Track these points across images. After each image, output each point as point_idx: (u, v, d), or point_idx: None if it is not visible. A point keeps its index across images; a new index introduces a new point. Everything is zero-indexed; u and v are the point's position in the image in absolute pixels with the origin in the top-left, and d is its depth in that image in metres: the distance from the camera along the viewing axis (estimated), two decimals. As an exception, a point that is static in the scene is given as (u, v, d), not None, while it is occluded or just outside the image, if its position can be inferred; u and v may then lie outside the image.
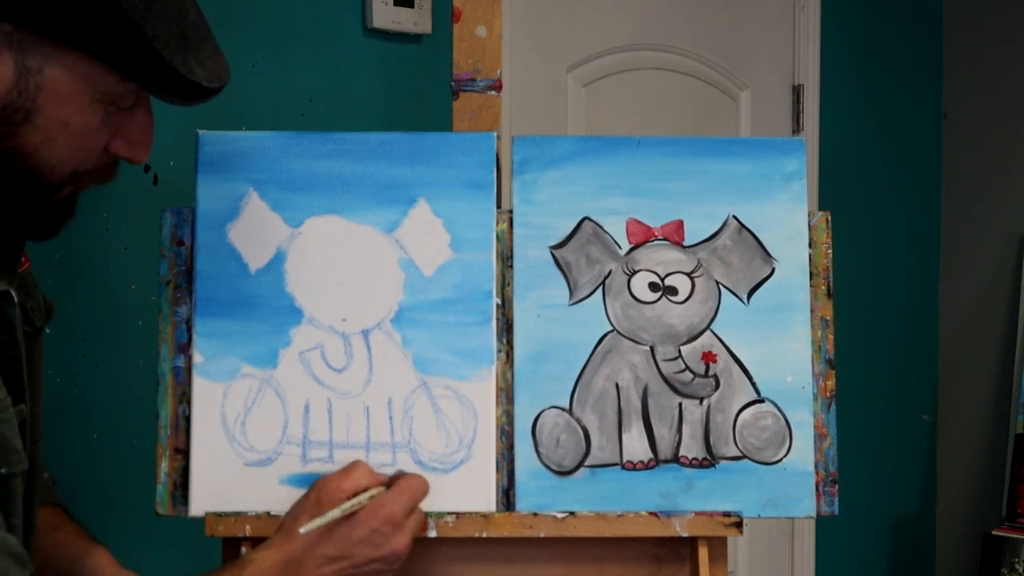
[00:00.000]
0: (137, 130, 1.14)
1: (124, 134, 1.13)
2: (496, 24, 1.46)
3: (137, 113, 1.14)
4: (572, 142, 1.42)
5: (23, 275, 1.22)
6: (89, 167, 1.13)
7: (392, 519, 1.24)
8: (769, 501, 1.36)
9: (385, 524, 1.24)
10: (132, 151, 1.15)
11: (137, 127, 1.14)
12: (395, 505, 1.25)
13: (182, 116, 2.01)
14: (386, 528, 1.24)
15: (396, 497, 1.26)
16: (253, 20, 2.13)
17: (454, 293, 1.37)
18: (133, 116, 1.13)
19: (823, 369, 1.39)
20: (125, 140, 1.14)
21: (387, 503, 1.25)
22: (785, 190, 1.41)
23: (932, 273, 3.49)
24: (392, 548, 1.24)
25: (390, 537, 1.24)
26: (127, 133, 1.13)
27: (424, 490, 1.30)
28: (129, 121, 1.13)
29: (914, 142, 3.45)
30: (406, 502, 1.26)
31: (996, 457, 3.31)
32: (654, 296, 1.39)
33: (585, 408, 1.37)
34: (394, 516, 1.25)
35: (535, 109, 2.61)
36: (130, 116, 1.13)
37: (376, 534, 1.23)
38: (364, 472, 1.28)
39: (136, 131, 1.14)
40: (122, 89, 1.10)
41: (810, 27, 3.12)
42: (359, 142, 1.39)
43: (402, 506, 1.26)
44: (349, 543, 1.23)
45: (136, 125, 1.14)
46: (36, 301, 1.25)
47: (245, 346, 1.35)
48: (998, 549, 3.07)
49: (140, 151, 1.15)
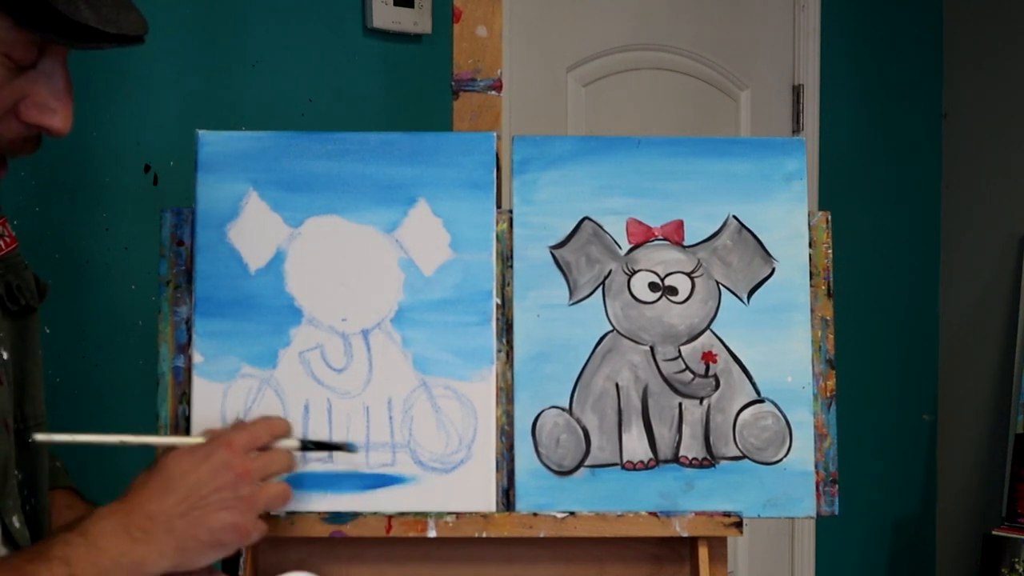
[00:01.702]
0: (48, 95, 1.10)
1: (33, 98, 1.09)
2: (496, 24, 1.46)
3: (48, 77, 1.10)
4: (572, 142, 1.42)
5: (10, 255, 1.21)
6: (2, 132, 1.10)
7: (229, 444, 1.17)
8: (769, 501, 1.36)
9: (222, 449, 1.17)
10: (43, 116, 1.10)
11: (48, 91, 1.10)
12: (234, 434, 1.20)
13: (182, 116, 2.03)
14: (223, 453, 1.17)
15: (237, 428, 1.22)
16: (253, 20, 2.13)
17: (454, 293, 1.37)
18: (43, 80, 1.10)
19: (823, 369, 1.39)
20: (35, 104, 1.10)
21: (225, 432, 1.20)
22: (785, 190, 1.41)
23: (932, 273, 3.49)
24: (234, 471, 1.16)
25: (230, 461, 1.16)
26: (36, 96, 1.10)
27: (278, 429, 1.24)
28: (37, 83, 1.09)
29: (914, 142, 3.45)
30: (246, 435, 1.20)
31: (996, 457, 3.31)
32: (654, 296, 1.39)
33: (585, 408, 1.37)
34: (231, 442, 1.18)
35: (535, 109, 2.61)
36: (40, 80, 1.09)
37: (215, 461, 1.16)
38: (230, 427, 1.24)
39: (46, 94, 1.10)
40: (16, 37, 1.05)
41: (810, 27, 3.12)
42: (359, 142, 1.39)
43: (242, 437, 1.19)
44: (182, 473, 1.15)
45: (45, 87, 1.10)
46: (25, 280, 1.23)
47: (245, 346, 1.35)
48: (998, 549, 3.07)
49: (55, 118, 1.10)
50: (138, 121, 1.97)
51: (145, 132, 1.98)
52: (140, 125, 1.97)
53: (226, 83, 2.10)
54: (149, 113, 1.98)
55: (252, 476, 1.18)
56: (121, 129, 1.94)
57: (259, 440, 1.21)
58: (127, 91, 1.94)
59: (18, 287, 1.22)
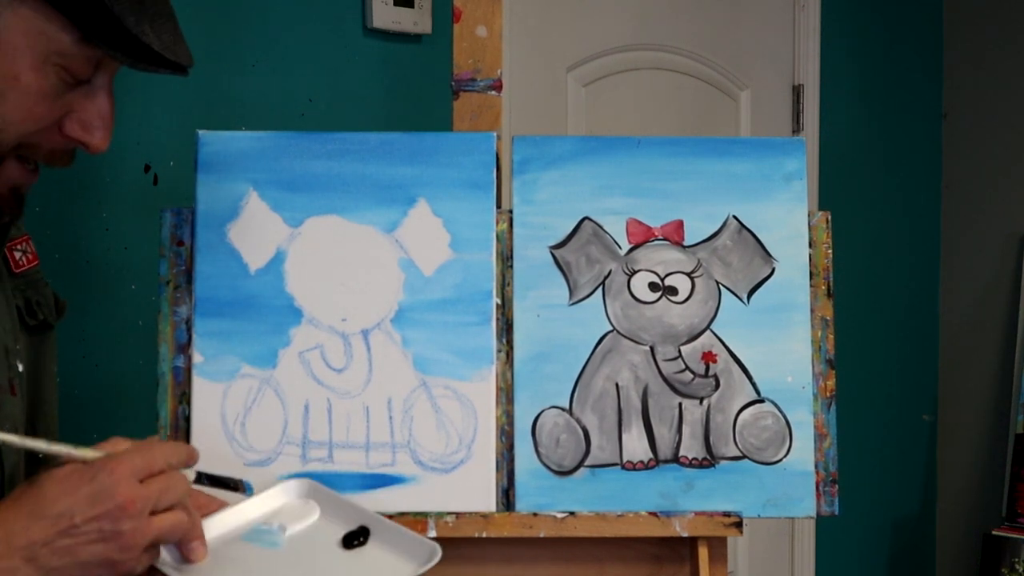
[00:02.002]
0: (94, 113, 1.12)
1: (80, 114, 1.11)
2: (496, 24, 1.46)
3: (95, 95, 1.12)
4: (572, 142, 1.42)
5: (30, 272, 1.22)
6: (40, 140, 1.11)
7: (114, 470, 1.02)
8: (769, 501, 1.36)
9: (105, 475, 1.02)
10: (86, 133, 1.12)
11: (94, 110, 1.12)
12: (124, 457, 1.04)
13: (182, 116, 2.03)
14: (106, 480, 1.02)
15: (128, 452, 1.05)
16: (253, 20, 2.13)
17: (454, 293, 1.37)
18: (91, 98, 1.11)
19: (823, 369, 1.39)
20: (80, 122, 1.11)
21: (115, 455, 1.04)
22: (785, 190, 1.41)
23: (932, 273, 3.49)
24: (115, 502, 1.01)
25: (111, 489, 1.01)
26: (83, 115, 1.11)
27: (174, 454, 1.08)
28: (86, 102, 1.11)
29: (914, 142, 3.45)
30: (139, 459, 1.04)
31: (996, 457, 3.31)
32: (654, 296, 1.39)
33: (585, 408, 1.37)
34: (117, 468, 1.03)
35: (535, 109, 2.61)
36: (88, 97, 1.11)
37: (96, 486, 1.01)
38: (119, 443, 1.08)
39: (93, 114, 1.12)
40: (77, 52, 1.07)
41: (810, 27, 3.12)
42: (359, 142, 1.39)
43: (133, 461, 1.04)
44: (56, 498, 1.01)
45: (93, 107, 1.12)
46: (45, 297, 1.25)
47: (245, 346, 1.35)
48: (998, 549, 3.07)
49: (95, 136, 1.12)
50: (138, 121, 1.97)
51: (145, 132, 1.98)
52: (140, 125, 1.97)
53: (226, 83, 2.10)
54: (149, 113, 1.98)
55: (137, 507, 1.02)
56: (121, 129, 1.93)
57: (153, 466, 1.05)
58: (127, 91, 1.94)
59: (37, 303, 1.23)
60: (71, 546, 1.01)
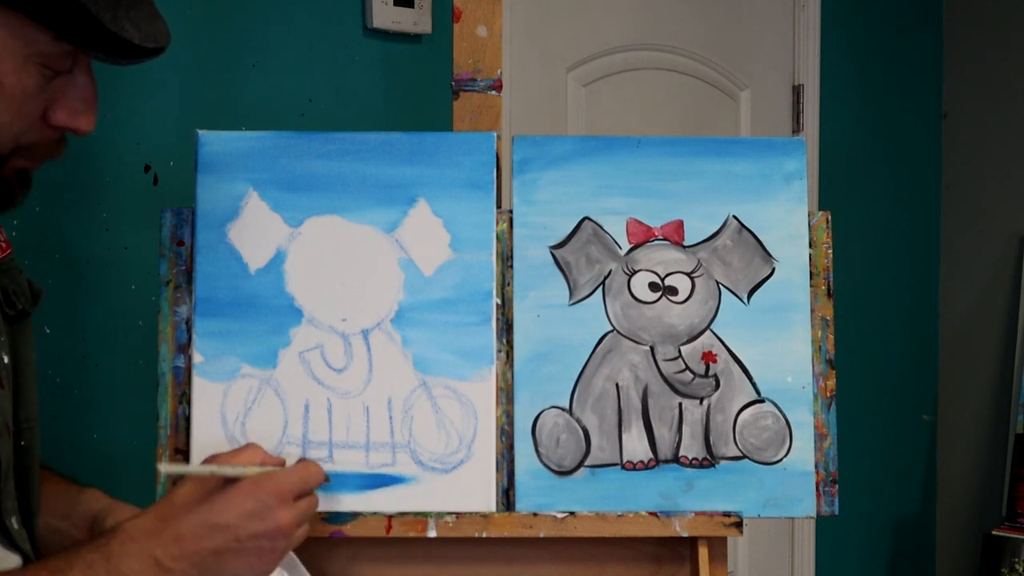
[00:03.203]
0: (77, 97, 1.12)
1: (64, 102, 1.11)
2: (496, 24, 1.46)
3: (76, 79, 1.12)
4: (572, 142, 1.42)
5: (5, 261, 1.21)
6: (32, 139, 1.11)
7: (280, 492, 1.17)
8: (769, 501, 1.36)
9: (271, 496, 1.16)
10: (73, 119, 1.12)
11: (76, 94, 1.12)
12: (285, 480, 1.19)
13: (182, 116, 2.02)
14: (272, 500, 1.16)
15: (288, 473, 1.21)
16: (253, 20, 2.13)
17: (454, 293, 1.37)
18: (72, 82, 1.12)
19: (823, 369, 1.39)
20: (65, 108, 1.12)
21: (277, 476, 1.19)
22: (785, 190, 1.41)
23: (932, 273, 3.49)
24: (277, 523, 1.16)
25: (275, 511, 1.16)
26: (67, 101, 1.12)
27: (319, 477, 1.24)
28: (68, 88, 1.11)
29: (914, 142, 3.45)
30: (297, 480, 1.20)
31: (996, 457, 3.31)
32: (654, 296, 1.39)
33: (585, 408, 1.37)
34: (282, 490, 1.18)
35: (535, 109, 2.61)
36: (69, 82, 1.11)
37: (261, 506, 1.15)
38: (257, 451, 1.23)
39: (76, 98, 1.12)
40: (56, 49, 1.07)
41: (810, 27, 3.12)
42: (359, 142, 1.39)
43: (292, 482, 1.19)
44: (231, 512, 1.15)
45: (75, 92, 1.12)
46: (19, 285, 1.24)
47: (245, 346, 1.35)
48: (998, 549, 3.06)
49: (82, 120, 1.13)
50: (138, 121, 1.97)
51: (145, 132, 1.98)
52: (140, 125, 1.97)
53: (226, 83, 2.10)
54: (149, 113, 1.98)
55: (292, 529, 1.18)
56: (121, 129, 1.94)
57: (305, 488, 1.21)
58: (127, 91, 1.94)
59: (14, 292, 1.22)
60: (232, 557, 1.15)
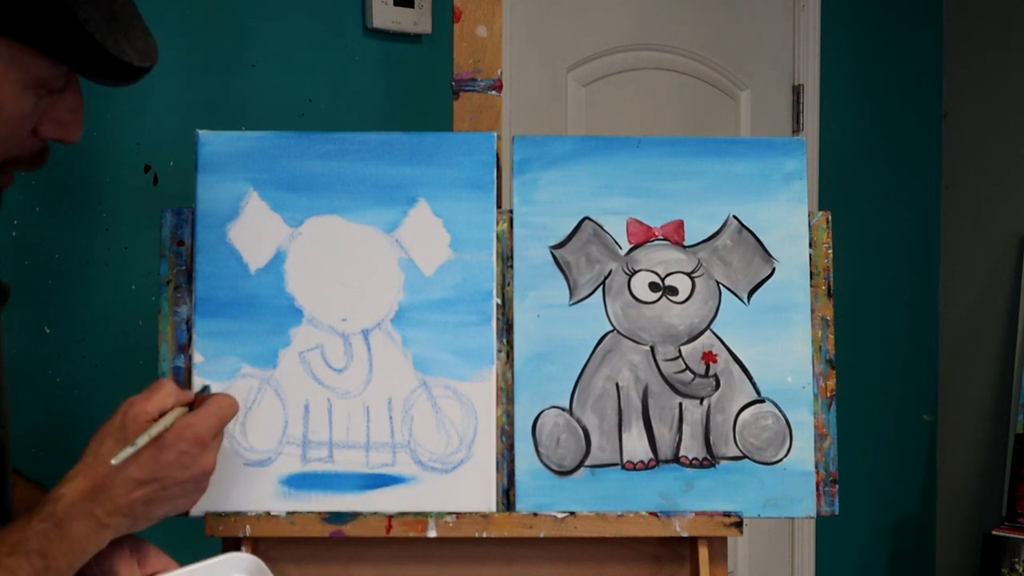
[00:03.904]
0: (66, 111, 1.13)
1: (53, 116, 1.13)
2: (496, 24, 1.46)
3: (66, 94, 1.13)
4: (572, 142, 1.42)
5: None
6: (19, 153, 1.13)
7: (199, 439, 1.22)
8: (769, 501, 1.36)
9: (193, 445, 1.22)
10: (63, 132, 1.14)
11: (66, 108, 1.13)
12: (202, 426, 1.23)
13: (182, 116, 2.02)
14: (194, 449, 1.22)
15: (203, 417, 1.24)
16: (253, 20, 2.13)
17: (454, 293, 1.37)
18: (62, 98, 1.13)
19: (823, 369, 1.39)
20: (55, 123, 1.13)
21: (194, 424, 1.23)
22: (785, 190, 1.41)
23: (932, 273, 3.49)
24: (201, 467, 1.23)
25: (198, 457, 1.22)
26: (56, 115, 1.13)
27: (232, 409, 1.29)
28: (58, 103, 1.13)
29: (914, 142, 3.45)
30: (214, 422, 1.25)
31: (996, 457, 3.31)
32: (654, 296, 1.39)
33: (585, 408, 1.37)
34: (201, 437, 1.23)
35: (535, 109, 2.61)
36: (59, 98, 1.13)
37: (184, 456, 1.21)
38: (169, 392, 1.25)
39: (65, 112, 1.13)
40: (53, 72, 1.09)
41: (810, 27, 3.12)
42: (359, 142, 1.39)
43: (209, 426, 1.24)
44: (158, 466, 1.20)
45: (65, 106, 1.13)
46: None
47: (245, 346, 1.35)
48: (998, 549, 3.07)
49: (71, 132, 1.15)
50: (138, 121, 1.97)
51: (145, 132, 1.98)
52: (140, 125, 1.97)
53: (226, 83, 2.10)
54: (149, 113, 1.98)
55: (213, 465, 1.25)
56: (121, 129, 1.94)
57: (222, 426, 1.27)
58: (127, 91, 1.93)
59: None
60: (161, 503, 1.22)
